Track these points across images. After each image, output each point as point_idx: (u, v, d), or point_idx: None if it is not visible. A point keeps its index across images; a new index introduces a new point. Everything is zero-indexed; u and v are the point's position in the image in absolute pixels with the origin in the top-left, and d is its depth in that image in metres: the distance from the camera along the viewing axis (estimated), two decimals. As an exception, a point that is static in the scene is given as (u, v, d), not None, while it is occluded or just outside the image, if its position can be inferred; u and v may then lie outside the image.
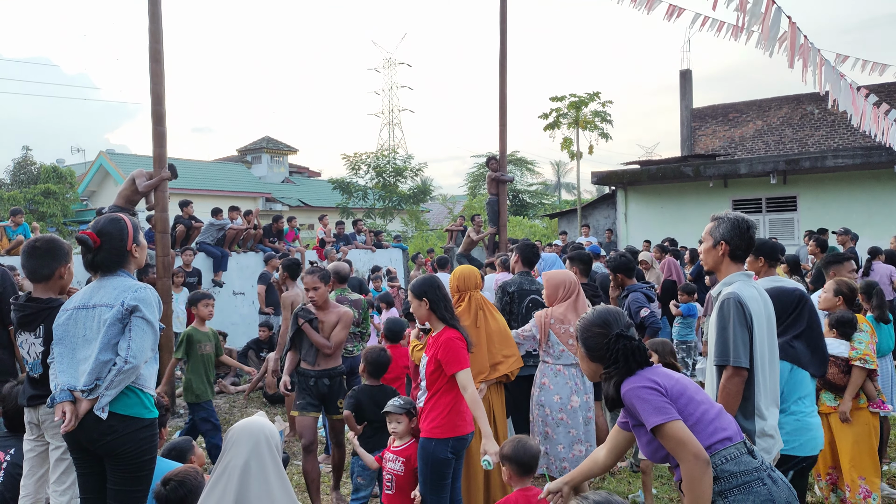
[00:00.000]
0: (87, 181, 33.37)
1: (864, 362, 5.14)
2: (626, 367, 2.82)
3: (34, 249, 3.99)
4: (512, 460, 3.78)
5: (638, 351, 2.84)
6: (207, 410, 6.61)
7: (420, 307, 4.39)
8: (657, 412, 2.65)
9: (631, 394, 2.75)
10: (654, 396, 2.69)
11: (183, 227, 12.11)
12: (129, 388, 3.47)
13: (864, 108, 7.01)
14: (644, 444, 2.86)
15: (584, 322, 3.03)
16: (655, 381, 2.75)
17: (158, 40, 8.31)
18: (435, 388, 4.30)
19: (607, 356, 2.87)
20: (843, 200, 17.81)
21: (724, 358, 3.41)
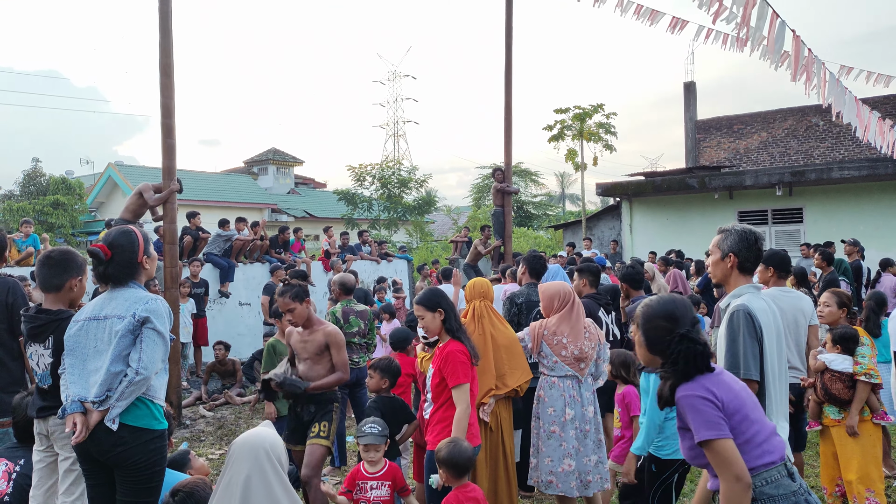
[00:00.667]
0: (95, 192, 33.53)
1: (869, 377, 5.17)
2: (686, 371, 2.69)
3: (48, 259, 4.02)
4: (446, 463, 3.89)
5: (701, 356, 2.69)
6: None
7: (435, 319, 4.38)
8: (709, 426, 2.57)
9: (685, 401, 2.64)
10: (708, 409, 2.59)
11: (190, 238, 12.16)
12: (139, 400, 3.49)
13: (868, 120, 7.03)
14: (686, 448, 2.77)
15: (649, 310, 2.89)
16: (714, 392, 2.63)
17: (169, 55, 8.38)
18: (441, 400, 4.31)
19: (668, 354, 2.74)
20: (849, 212, 17.77)
21: (735, 370, 3.42)
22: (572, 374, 5.02)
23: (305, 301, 5.19)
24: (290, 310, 5.13)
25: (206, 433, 8.47)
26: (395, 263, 16.65)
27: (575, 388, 5.05)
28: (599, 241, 21.87)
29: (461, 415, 4.14)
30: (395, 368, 5.46)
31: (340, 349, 5.18)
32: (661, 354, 2.80)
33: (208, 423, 8.96)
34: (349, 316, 7.31)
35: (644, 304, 2.93)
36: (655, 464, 4.35)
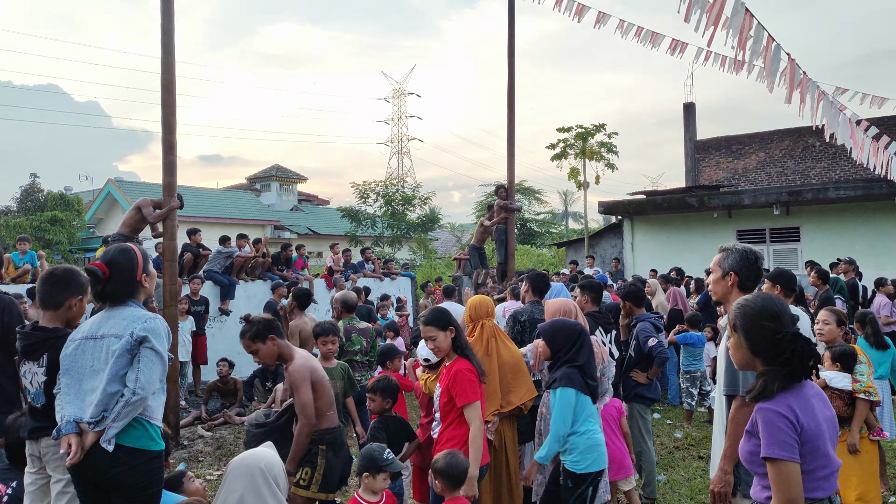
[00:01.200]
0: (94, 209, 33.58)
1: (868, 395, 5.23)
2: (800, 371, 2.64)
3: (51, 276, 3.99)
4: (444, 474, 3.90)
5: (814, 357, 2.65)
6: None
7: (447, 338, 4.37)
8: (780, 446, 2.53)
9: (765, 415, 2.59)
10: (785, 428, 2.54)
11: (191, 256, 12.16)
12: (136, 420, 3.44)
13: (863, 141, 7.08)
14: (745, 450, 2.71)
15: (749, 311, 2.79)
16: (797, 413, 2.57)
17: (171, 71, 8.44)
18: (449, 419, 4.30)
19: (776, 354, 2.66)
20: (846, 231, 17.87)
21: (734, 388, 3.45)
22: (574, 392, 5.04)
23: (269, 338, 4.54)
24: (253, 352, 4.57)
25: (205, 453, 8.42)
26: (398, 281, 16.67)
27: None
28: (602, 259, 21.90)
29: (476, 433, 4.13)
30: (395, 387, 5.44)
31: (300, 389, 4.49)
32: (763, 355, 2.73)
33: (207, 443, 8.91)
34: (351, 334, 7.33)
35: (740, 305, 2.84)
36: (572, 479, 4.44)
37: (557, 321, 4.84)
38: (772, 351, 2.67)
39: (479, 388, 4.29)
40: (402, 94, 61.52)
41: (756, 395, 2.65)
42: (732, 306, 2.89)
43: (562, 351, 4.58)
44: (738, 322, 2.80)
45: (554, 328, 4.69)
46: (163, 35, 8.42)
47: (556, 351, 4.61)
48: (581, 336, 4.65)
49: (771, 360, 2.68)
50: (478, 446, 4.14)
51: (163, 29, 8.42)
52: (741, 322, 2.79)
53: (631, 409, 6.48)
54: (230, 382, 10.49)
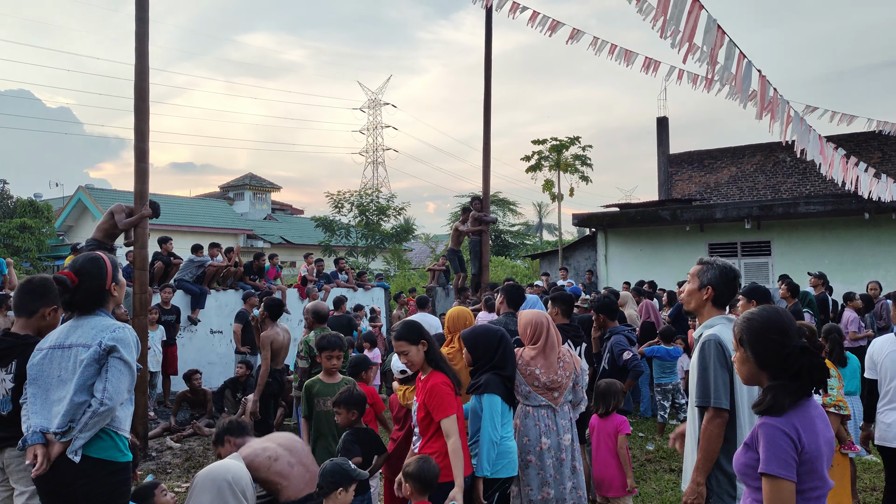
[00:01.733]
0: (64, 216, 33.21)
1: (839, 409, 5.30)
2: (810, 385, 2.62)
3: (29, 283, 3.99)
4: (414, 478, 3.92)
5: (824, 371, 2.63)
6: None
7: (419, 352, 4.35)
8: (779, 463, 2.52)
9: (769, 430, 2.57)
10: (787, 447, 2.53)
11: (161, 264, 12.03)
12: (103, 431, 3.41)
13: (832, 157, 7.19)
14: (741, 462, 2.70)
15: (755, 324, 2.75)
16: (799, 432, 2.55)
17: (144, 79, 8.38)
18: (429, 433, 4.27)
19: (784, 367, 2.64)
20: (816, 246, 18.11)
21: (706, 399, 3.47)
22: (547, 404, 5.05)
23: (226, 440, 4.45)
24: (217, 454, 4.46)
25: (173, 465, 8.31)
26: (372, 291, 16.62)
27: (550, 418, 5.06)
28: (575, 271, 21.99)
29: (455, 446, 4.11)
30: (358, 397, 5.26)
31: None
32: (770, 368, 2.70)
33: (175, 454, 8.80)
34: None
35: (746, 319, 2.79)
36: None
37: (478, 328, 4.89)
38: (780, 365, 2.64)
39: (455, 400, 4.28)
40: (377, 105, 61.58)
41: (764, 410, 2.64)
42: (738, 320, 2.85)
43: (484, 357, 4.61)
44: (745, 336, 2.77)
45: (475, 335, 4.71)
46: (137, 42, 8.37)
47: (478, 358, 4.63)
48: (502, 342, 4.68)
49: (778, 375, 2.66)
50: (459, 456, 4.13)
51: (137, 35, 8.37)
52: (748, 336, 2.75)
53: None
54: (200, 393, 10.38)
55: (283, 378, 8.08)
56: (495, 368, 4.60)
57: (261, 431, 7.88)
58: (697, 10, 4.75)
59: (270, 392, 7.94)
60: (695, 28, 4.84)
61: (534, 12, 9.59)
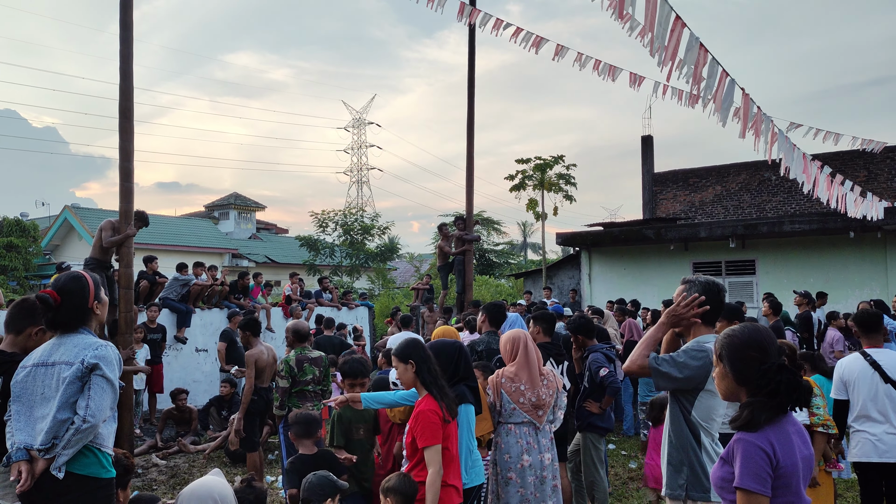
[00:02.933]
0: (50, 235, 33.08)
1: (826, 428, 5.29)
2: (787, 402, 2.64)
3: (22, 302, 4.02)
4: (395, 491, 3.93)
5: (800, 388, 2.65)
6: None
7: (407, 371, 4.25)
8: (754, 479, 2.55)
9: (745, 446, 2.60)
10: (762, 463, 2.56)
11: (147, 283, 12.01)
12: (86, 448, 3.43)
13: (816, 175, 7.24)
14: (717, 476, 2.73)
15: (735, 341, 2.79)
16: (775, 448, 2.58)
17: (129, 98, 8.37)
18: (414, 460, 4.18)
19: (762, 384, 2.65)
20: (801, 265, 18.18)
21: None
22: (529, 421, 5.05)
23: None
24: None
25: (159, 482, 8.29)
26: (356, 310, 16.60)
27: (532, 436, 5.08)
28: (559, 290, 22.03)
29: (433, 478, 3.98)
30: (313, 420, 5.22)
31: None
32: (748, 385, 2.73)
33: (161, 471, 8.78)
34: (303, 363, 7.27)
35: (727, 335, 2.83)
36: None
37: (436, 342, 4.85)
38: (758, 382, 2.67)
39: (441, 429, 4.10)
40: (362, 124, 61.67)
41: (740, 426, 2.67)
42: (720, 336, 2.89)
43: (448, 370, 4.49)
44: (725, 352, 2.81)
45: (435, 349, 4.63)
46: (121, 61, 8.36)
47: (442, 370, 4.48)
48: (461, 353, 4.65)
49: (756, 392, 2.68)
50: (435, 491, 3.98)
51: (121, 55, 8.36)
52: (727, 352, 2.80)
53: (584, 439, 6.52)
54: (186, 411, 10.33)
55: (268, 396, 8.05)
56: (464, 380, 4.57)
57: (247, 449, 7.86)
58: (680, 27, 4.80)
59: (256, 410, 7.90)
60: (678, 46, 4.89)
61: (517, 28, 9.62)
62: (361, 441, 5.36)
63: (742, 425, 2.65)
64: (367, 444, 5.40)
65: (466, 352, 4.79)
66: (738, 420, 2.67)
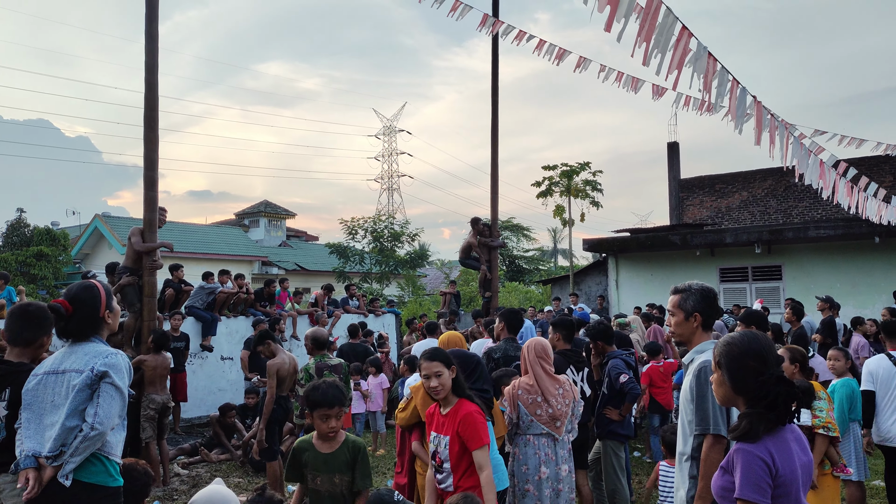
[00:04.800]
0: (80, 244, 33.44)
1: (827, 430, 5.30)
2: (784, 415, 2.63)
3: (26, 313, 3.97)
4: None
5: (799, 401, 2.65)
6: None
7: (450, 375, 4.23)
8: (754, 489, 2.55)
9: (744, 456, 2.60)
10: (762, 472, 2.56)
11: (172, 291, 12.12)
12: (94, 456, 3.45)
13: (835, 181, 7.18)
14: (718, 485, 2.72)
15: (735, 349, 2.78)
16: (774, 457, 2.58)
17: (154, 108, 8.53)
18: (462, 468, 4.13)
19: (759, 396, 2.65)
20: (827, 270, 18.02)
21: (705, 426, 3.45)
22: (547, 433, 5.03)
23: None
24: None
25: (180, 492, 8.35)
26: (383, 317, 16.62)
27: (550, 447, 5.05)
28: (587, 297, 21.95)
29: (488, 479, 3.99)
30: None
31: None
32: (745, 394, 2.72)
33: (183, 481, 8.83)
34: (323, 371, 7.33)
35: (726, 343, 2.82)
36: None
37: (456, 352, 4.85)
38: (755, 392, 2.66)
39: (487, 430, 4.15)
40: (392, 131, 61.92)
41: (738, 437, 2.66)
42: (719, 343, 2.89)
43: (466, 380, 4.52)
44: (723, 360, 2.80)
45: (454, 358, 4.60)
46: (146, 72, 8.53)
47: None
48: (479, 365, 4.71)
49: (753, 402, 2.67)
50: (493, 490, 4.02)
51: (146, 66, 8.53)
52: (726, 360, 2.79)
53: (604, 447, 6.48)
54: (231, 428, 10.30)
55: (288, 405, 8.12)
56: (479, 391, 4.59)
57: (267, 458, 7.92)
58: (687, 37, 4.79)
59: (276, 419, 7.97)
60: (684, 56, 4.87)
61: (540, 41, 9.64)
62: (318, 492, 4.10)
63: (740, 436, 2.64)
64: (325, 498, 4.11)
65: (484, 366, 4.82)
66: (737, 431, 2.66)
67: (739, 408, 2.78)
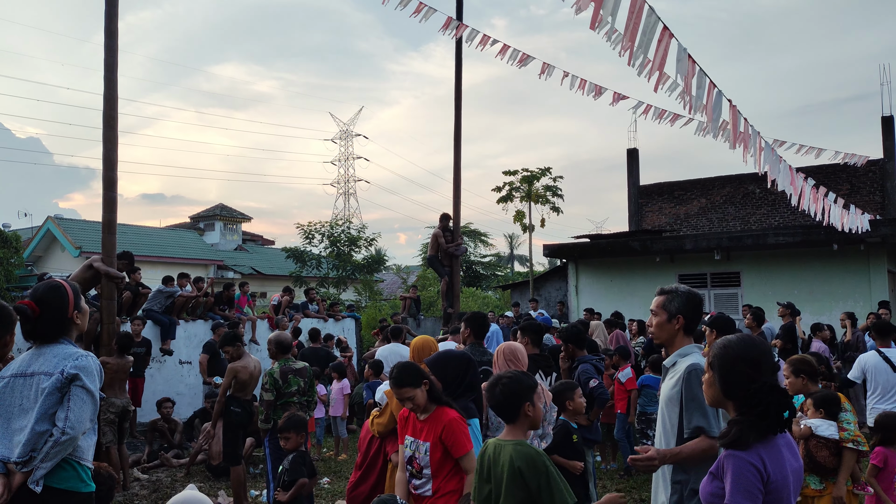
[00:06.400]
0: (32, 246, 32.73)
1: (857, 444, 5.02)
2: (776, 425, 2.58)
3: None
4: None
5: (788, 407, 2.59)
6: None
7: (423, 392, 4.15)
8: (745, 495, 2.51)
9: (735, 462, 2.55)
10: (753, 479, 2.52)
11: (129, 294, 11.86)
12: (65, 461, 3.35)
13: (802, 188, 7.27)
14: (707, 491, 2.66)
15: (730, 353, 2.73)
16: (765, 463, 2.54)
17: (113, 107, 8.32)
18: (443, 472, 4.11)
19: (749, 403, 2.59)
20: (785, 277, 18.25)
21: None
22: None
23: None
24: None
25: (141, 497, 8.17)
26: (343, 322, 16.49)
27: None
28: (546, 302, 22.01)
29: (470, 484, 3.94)
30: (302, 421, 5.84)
31: None
32: (736, 399, 2.68)
33: (143, 486, 8.66)
34: (287, 375, 7.21)
35: (723, 346, 2.76)
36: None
37: (444, 352, 4.84)
38: (746, 400, 2.61)
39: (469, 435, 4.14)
40: (349, 136, 61.63)
41: (728, 444, 2.61)
42: (715, 344, 2.83)
43: (455, 382, 4.52)
44: (717, 362, 2.75)
45: (444, 360, 4.63)
46: (106, 70, 8.32)
47: (448, 382, 4.49)
48: (471, 366, 4.66)
49: (744, 408, 2.63)
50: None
51: (106, 64, 8.32)
52: (719, 363, 2.74)
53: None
54: (171, 422, 10.31)
55: (251, 408, 7.97)
56: (469, 391, 4.56)
57: (230, 463, 7.76)
58: (668, 38, 4.79)
59: (239, 422, 7.82)
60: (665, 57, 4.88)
61: (504, 45, 9.64)
62: None
63: (730, 444, 2.60)
64: None
65: (475, 365, 4.76)
66: (727, 438, 2.61)
67: (728, 411, 2.74)
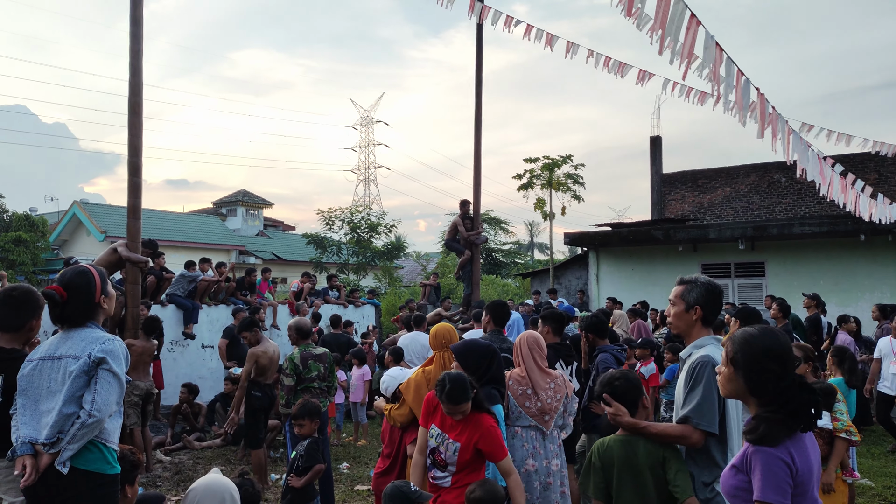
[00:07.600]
0: (58, 230, 33.17)
1: (849, 434, 5.17)
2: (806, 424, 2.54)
3: (10, 298, 3.89)
4: (483, 501, 3.81)
5: (817, 405, 2.55)
6: None
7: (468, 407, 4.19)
8: (776, 491, 2.47)
9: (765, 458, 2.51)
10: (783, 474, 2.48)
11: (153, 279, 11.96)
12: (91, 443, 3.40)
13: (831, 177, 7.17)
14: (730, 485, 2.63)
15: (755, 349, 2.64)
16: (793, 457, 2.50)
17: (138, 93, 8.34)
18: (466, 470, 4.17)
19: (778, 401, 2.55)
20: (810, 267, 18.01)
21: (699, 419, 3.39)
22: (535, 426, 4.98)
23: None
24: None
25: (163, 478, 8.27)
26: (363, 308, 16.54)
27: (538, 440, 5.00)
28: (567, 291, 21.95)
29: (517, 482, 4.13)
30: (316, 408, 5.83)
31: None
32: (760, 396, 2.61)
33: (165, 468, 8.76)
34: (308, 360, 7.24)
35: (745, 341, 2.67)
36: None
37: (470, 341, 4.88)
38: (773, 397, 2.56)
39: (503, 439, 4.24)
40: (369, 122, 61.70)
41: (757, 440, 2.55)
42: (734, 337, 2.74)
43: (479, 371, 4.55)
44: (740, 357, 2.66)
45: (468, 349, 4.66)
46: (131, 57, 8.32)
47: (471, 371, 4.50)
48: (495, 356, 4.68)
49: (768, 404, 2.57)
50: (522, 491, 4.14)
51: (131, 51, 8.32)
52: (743, 358, 2.65)
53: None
54: (196, 406, 10.39)
55: (272, 393, 8.03)
56: (493, 382, 4.56)
57: (252, 446, 7.84)
58: (695, 26, 4.73)
59: (261, 407, 7.89)
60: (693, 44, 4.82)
61: (528, 26, 9.58)
62: None
63: (759, 440, 2.54)
64: None
65: (500, 359, 4.76)
66: (755, 434, 2.55)
67: (749, 406, 2.69)
